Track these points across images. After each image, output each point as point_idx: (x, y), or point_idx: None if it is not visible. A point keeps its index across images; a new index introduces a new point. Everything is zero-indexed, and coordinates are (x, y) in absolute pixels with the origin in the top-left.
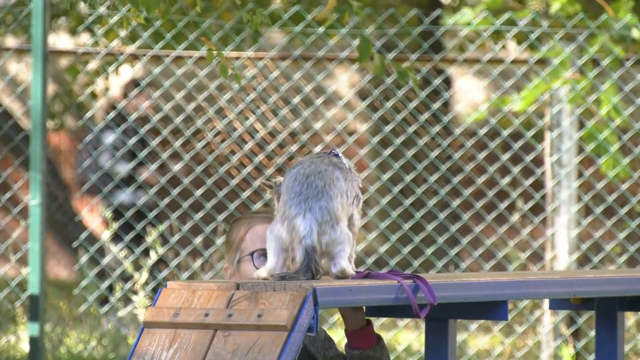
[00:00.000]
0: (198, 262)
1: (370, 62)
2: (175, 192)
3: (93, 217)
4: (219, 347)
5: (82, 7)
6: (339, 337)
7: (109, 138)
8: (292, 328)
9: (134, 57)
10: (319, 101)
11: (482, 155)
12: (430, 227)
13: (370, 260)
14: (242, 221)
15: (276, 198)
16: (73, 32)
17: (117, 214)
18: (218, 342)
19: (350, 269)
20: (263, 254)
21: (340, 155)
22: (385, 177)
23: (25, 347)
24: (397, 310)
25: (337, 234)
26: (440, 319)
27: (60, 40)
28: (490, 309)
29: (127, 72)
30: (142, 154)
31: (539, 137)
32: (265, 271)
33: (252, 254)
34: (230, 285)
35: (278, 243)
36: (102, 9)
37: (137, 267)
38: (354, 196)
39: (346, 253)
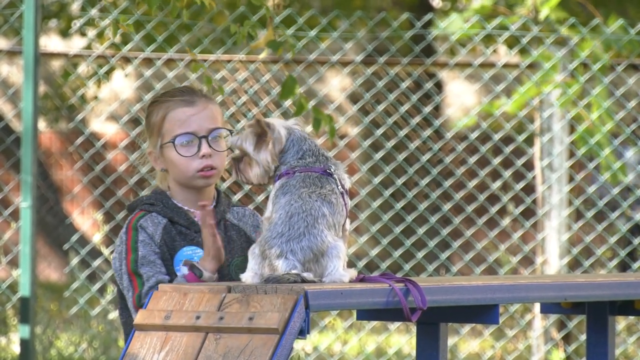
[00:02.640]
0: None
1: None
2: None
3: (85, 219)
4: (210, 350)
5: (74, 9)
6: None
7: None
8: (283, 331)
9: (125, 60)
10: (310, 104)
11: (473, 159)
12: (421, 230)
13: (361, 264)
14: (160, 104)
15: (272, 144)
16: (64, 34)
17: (109, 216)
18: (209, 345)
19: (347, 277)
20: (185, 139)
21: (333, 173)
22: (377, 180)
23: (15, 349)
24: (389, 314)
25: (323, 266)
26: (432, 323)
27: (51, 42)
28: (481, 313)
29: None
30: (134, 156)
31: (530, 141)
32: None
33: (173, 140)
34: (221, 288)
35: (257, 275)
36: (93, 12)
37: None
38: (344, 221)
39: (338, 266)
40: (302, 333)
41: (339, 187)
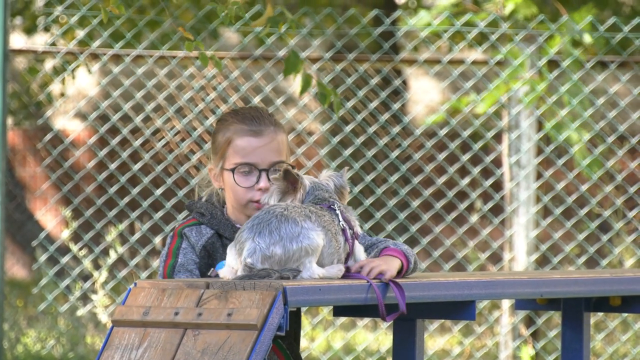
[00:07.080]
0: (157, 262)
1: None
2: (135, 191)
3: (51, 216)
4: (189, 346)
5: (38, 7)
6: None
7: None
8: (262, 327)
9: (93, 57)
10: (279, 101)
11: (442, 156)
12: (390, 227)
13: None
14: (228, 126)
15: (302, 192)
16: (28, 31)
17: (77, 213)
18: (188, 341)
19: (317, 274)
20: (244, 169)
21: (336, 209)
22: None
23: None
24: (366, 310)
25: (290, 252)
26: (408, 319)
27: (15, 39)
28: (458, 309)
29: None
30: (102, 152)
31: (498, 138)
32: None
33: (233, 169)
34: (200, 284)
35: (228, 268)
36: (59, 9)
37: (97, 266)
38: (338, 257)
39: (309, 265)
40: (281, 329)
41: (340, 222)
